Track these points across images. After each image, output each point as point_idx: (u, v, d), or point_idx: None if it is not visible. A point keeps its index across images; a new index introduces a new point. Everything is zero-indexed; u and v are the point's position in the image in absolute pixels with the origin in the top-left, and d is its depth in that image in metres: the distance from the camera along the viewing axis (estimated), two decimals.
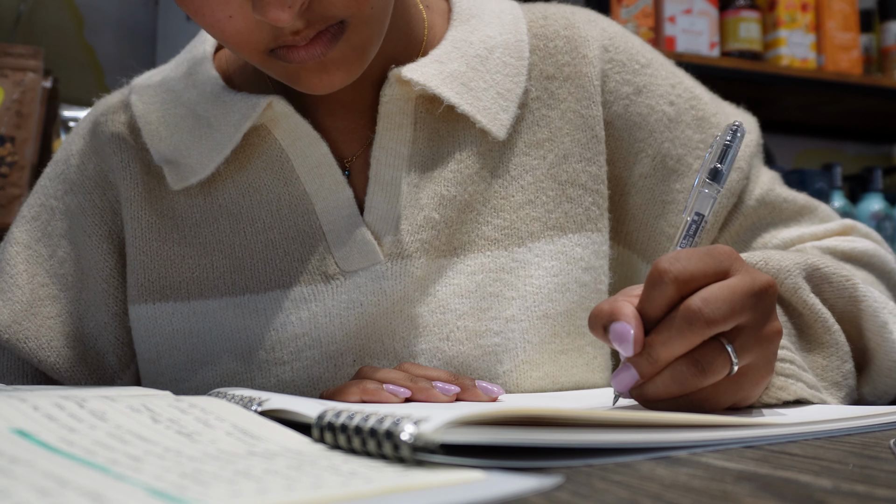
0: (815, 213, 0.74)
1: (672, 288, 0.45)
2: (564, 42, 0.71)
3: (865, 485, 0.31)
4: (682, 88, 0.73)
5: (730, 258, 0.47)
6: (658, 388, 0.45)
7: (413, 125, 0.66)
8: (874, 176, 2.05)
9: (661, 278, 0.45)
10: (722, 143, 0.52)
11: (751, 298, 0.45)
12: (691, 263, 0.45)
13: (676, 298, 0.45)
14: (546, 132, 0.69)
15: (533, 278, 0.65)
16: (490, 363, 0.64)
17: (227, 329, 0.65)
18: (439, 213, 0.64)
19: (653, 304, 0.46)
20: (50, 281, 0.71)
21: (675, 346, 0.44)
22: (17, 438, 0.32)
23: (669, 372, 0.45)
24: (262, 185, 0.67)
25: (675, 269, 0.45)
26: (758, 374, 0.47)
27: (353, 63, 0.58)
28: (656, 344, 0.45)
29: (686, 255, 0.46)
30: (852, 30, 1.98)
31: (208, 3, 0.54)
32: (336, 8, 0.54)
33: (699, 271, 0.45)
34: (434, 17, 0.71)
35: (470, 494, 0.27)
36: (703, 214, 0.51)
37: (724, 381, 0.46)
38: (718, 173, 0.51)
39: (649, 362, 0.45)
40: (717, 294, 0.44)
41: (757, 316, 0.46)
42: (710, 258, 0.46)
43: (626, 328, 0.45)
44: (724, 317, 0.44)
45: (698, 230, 0.52)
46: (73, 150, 0.73)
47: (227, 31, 0.55)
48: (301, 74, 0.58)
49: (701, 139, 0.72)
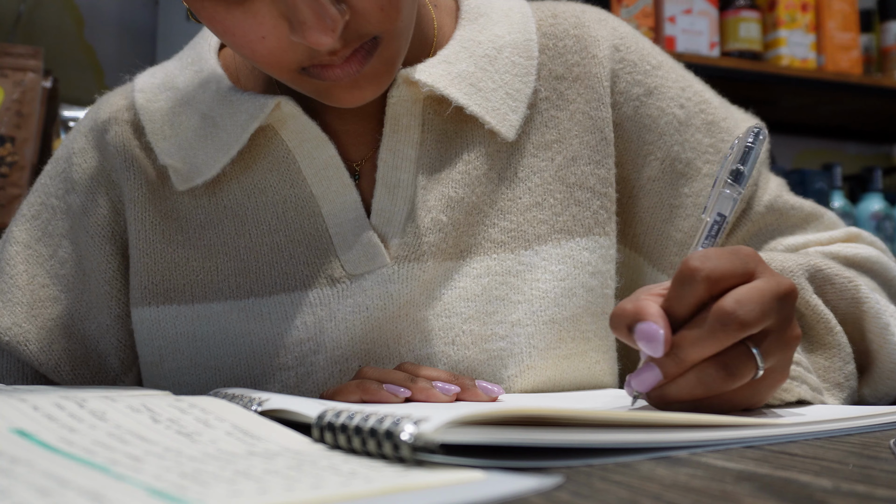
0: (821, 221, 0.74)
1: (703, 287, 0.44)
2: (574, 41, 0.70)
3: (865, 485, 0.31)
4: (691, 92, 0.73)
5: (754, 260, 0.46)
6: (682, 389, 0.45)
7: (421, 127, 0.65)
8: (874, 176, 2.05)
9: (693, 276, 0.44)
10: (744, 145, 0.52)
11: (777, 302, 0.44)
12: (721, 262, 0.45)
13: (706, 298, 0.44)
14: (555, 133, 0.68)
15: (539, 282, 0.65)
16: (495, 367, 0.64)
17: (230, 333, 0.64)
18: (447, 216, 0.64)
19: (682, 302, 0.45)
20: (50, 282, 0.70)
21: (706, 348, 0.44)
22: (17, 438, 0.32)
23: (695, 374, 0.44)
24: (268, 186, 0.66)
25: (707, 268, 0.44)
26: (775, 379, 0.47)
27: (383, 76, 0.57)
28: (685, 344, 0.44)
29: (715, 254, 0.45)
30: (852, 30, 1.98)
31: (239, 24, 0.53)
32: (371, 25, 0.53)
33: (729, 271, 0.44)
34: (442, 16, 0.70)
35: (470, 494, 0.27)
36: (725, 215, 0.51)
37: (746, 385, 0.45)
38: (740, 175, 0.51)
39: (676, 363, 0.44)
40: (750, 296, 0.44)
41: (781, 320, 0.45)
42: (738, 259, 0.45)
43: (655, 328, 0.44)
44: (757, 320, 0.43)
45: (720, 231, 0.51)
46: (74, 148, 0.72)
47: (259, 52, 0.54)
48: (332, 91, 0.57)
49: (710, 143, 0.71)
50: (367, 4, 0.52)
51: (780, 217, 0.73)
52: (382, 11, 0.53)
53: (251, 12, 0.52)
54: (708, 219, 0.51)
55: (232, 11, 0.52)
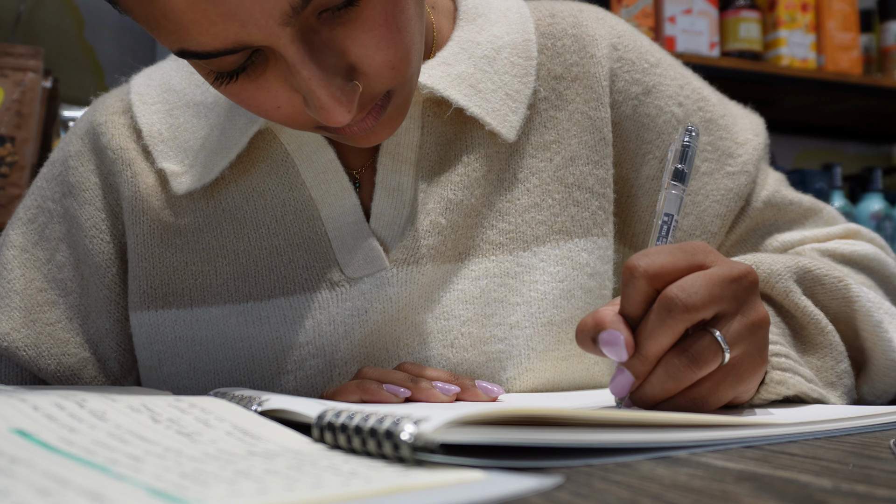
0: (819, 216, 0.74)
1: (644, 282, 0.45)
2: (572, 41, 0.70)
3: (865, 485, 0.31)
4: (690, 89, 0.73)
5: (703, 251, 0.47)
6: (655, 386, 0.46)
7: (420, 129, 0.65)
8: (874, 176, 2.05)
9: (632, 274, 0.46)
10: (681, 145, 0.54)
11: (729, 284, 0.45)
12: (660, 258, 0.46)
13: (652, 294, 0.46)
14: (553, 134, 0.68)
15: (538, 284, 0.65)
16: (494, 370, 0.63)
17: (229, 337, 0.64)
18: (446, 218, 0.63)
19: (630, 302, 0.46)
20: (48, 286, 0.70)
21: (661, 338, 0.45)
22: (17, 438, 0.32)
23: (662, 368, 0.45)
24: (266, 189, 0.66)
25: (643, 264, 0.46)
26: (753, 363, 0.47)
27: (397, 119, 0.57)
28: (642, 339, 0.45)
29: (655, 250, 0.47)
30: (852, 30, 1.98)
31: (254, 97, 0.52)
32: (384, 84, 0.52)
33: (669, 264, 0.46)
34: (440, 17, 0.70)
35: (470, 494, 0.27)
36: (673, 214, 0.53)
37: (721, 373, 0.46)
38: (682, 173, 0.53)
39: (640, 360, 0.45)
40: (693, 281, 0.45)
41: (739, 302, 0.46)
42: (682, 252, 0.47)
43: (614, 333, 0.45)
44: (703, 302, 0.44)
45: (670, 230, 0.53)
46: (70, 151, 0.71)
47: (275, 117, 0.53)
48: (349, 139, 0.57)
49: (708, 141, 0.71)
50: (379, 68, 0.51)
51: (779, 212, 0.73)
52: (394, 69, 0.52)
53: (265, 88, 0.51)
54: (658, 221, 0.53)
55: (245, 87, 0.51)
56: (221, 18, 0.45)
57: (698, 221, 0.70)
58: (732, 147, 0.72)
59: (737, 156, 0.72)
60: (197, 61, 0.50)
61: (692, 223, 0.70)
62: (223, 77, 0.51)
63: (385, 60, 0.51)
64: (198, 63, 0.51)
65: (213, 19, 0.45)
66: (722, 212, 0.70)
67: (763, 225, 0.72)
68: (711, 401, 0.46)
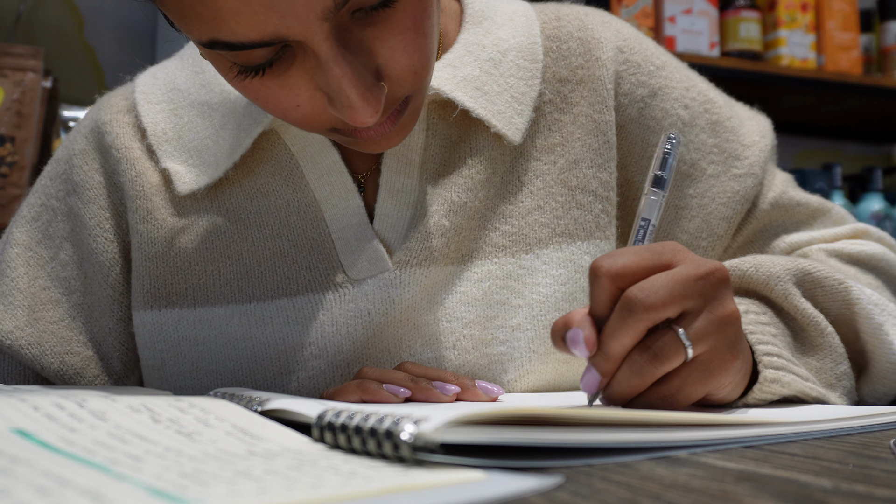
0: (828, 216, 0.74)
1: (607, 282, 0.46)
2: (578, 44, 0.70)
3: (865, 485, 0.31)
4: (696, 91, 0.72)
5: (672, 251, 0.48)
6: (621, 383, 0.46)
7: (425, 131, 0.65)
8: (874, 176, 2.05)
9: (596, 274, 0.46)
10: (661, 151, 0.55)
11: (694, 283, 0.46)
12: (624, 258, 0.47)
13: (616, 293, 0.46)
14: (558, 136, 0.68)
15: (540, 286, 0.65)
16: (495, 372, 0.63)
17: (232, 338, 0.64)
18: (449, 220, 0.63)
19: (596, 301, 0.47)
20: (51, 284, 0.70)
21: (622, 337, 0.45)
22: (17, 438, 0.32)
23: (627, 365, 0.46)
24: (270, 190, 0.66)
25: (606, 264, 0.46)
26: (722, 359, 0.47)
27: (409, 124, 0.57)
28: (605, 338, 0.46)
29: (620, 252, 0.47)
30: (852, 30, 1.98)
31: (274, 95, 0.52)
32: (405, 89, 0.53)
33: (633, 264, 0.46)
34: (446, 20, 0.70)
35: (470, 494, 0.27)
36: (650, 219, 0.54)
37: (688, 369, 0.46)
38: (661, 180, 0.54)
39: (603, 358, 0.46)
40: (655, 281, 0.45)
41: (706, 299, 0.46)
42: (648, 252, 0.47)
43: (577, 331, 0.46)
44: (663, 301, 0.45)
45: (646, 235, 0.54)
46: (75, 149, 0.71)
47: (292, 117, 0.53)
48: (360, 143, 0.57)
49: (715, 143, 0.71)
50: (403, 72, 0.51)
51: (786, 213, 0.72)
52: (416, 75, 0.52)
53: (287, 85, 0.51)
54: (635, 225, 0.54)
55: (267, 84, 0.51)
56: (263, 9, 0.45)
57: (704, 224, 0.70)
58: (739, 149, 0.72)
59: (743, 158, 0.71)
60: (222, 54, 0.50)
61: (698, 226, 0.70)
62: (247, 72, 0.51)
63: (409, 65, 0.51)
64: (221, 57, 0.51)
65: (255, 9, 0.45)
66: (728, 214, 0.70)
67: (770, 226, 0.72)
68: (681, 397, 0.47)
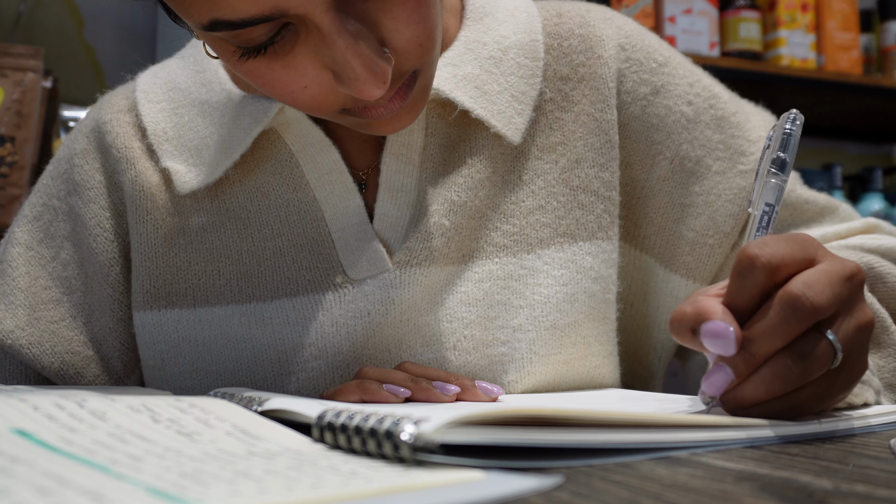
0: (836, 214, 0.73)
1: (763, 274, 0.42)
2: (579, 41, 0.69)
3: (865, 485, 0.31)
4: (700, 87, 0.72)
5: (813, 245, 0.44)
6: (758, 388, 0.42)
7: (424, 131, 0.65)
8: (874, 176, 2.05)
9: (752, 264, 0.42)
10: (781, 131, 0.50)
11: (846, 283, 0.42)
12: (780, 248, 0.42)
13: (769, 287, 0.42)
14: (559, 136, 0.67)
15: (542, 287, 0.64)
16: (496, 373, 0.63)
17: (232, 338, 0.64)
18: (449, 220, 0.63)
19: (744, 294, 0.42)
20: (52, 284, 0.70)
21: (777, 338, 0.41)
22: (17, 438, 0.32)
23: (769, 369, 0.41)
24: (270, 190, 0.66)
25: (766, 254, 0.42)
26: (856, 369, 0.44)
27: (419, 103, 0.57)
28: (755, 338, 0.41)
29: (773, 240, 0.43)
30: (852, 30, 1.98)
31: (280, 77, 0.51)
32: (411, 62, 0.53)
33: (789, 256, 0.42)
34: (447, 16, 0.69)
35: (470, 494, 0.27)
36: (773, 205, 0.49)
37: (827, 377, 0.43)
38: (783, 162, 0.49)
39: (746, 359, 0.41)
40: (817, 278, 0.41)
41: (851, 303, 0.43)
42: (797, 244, 0.43)
43: (723, 325, 0.41)
44: (828, 302, 0.41)
45: (771, 221, 0.49)
46: (76, 149, 0.71)
47: (300, 99, 0.53)
48: (372, 124, 0.56)
49: (720, 140, 0.71)
50: (408, 44, 0.51)
51: (794, 211, 0.72)
52: (421, 47, 0.52)
53: (292, 66, 0.51)
54: (755, 212, 0.49)
55: (272, 66, 0.51)
56: None
57: (711, 221, 0.70)
58: (745, 145, 0.71)
59: (749, 154, 0.71)
60: (224, 37, 0.50)
61: (704, 223, 0.70)
62: (250, 52, 0.50)
63: (413, 36, 0.51)
64: (223, 41, 0.50)
65: None
66: (735, 211, 0.69)
67: (779, 225, 0.72)
68: (812, 406, 0.43)
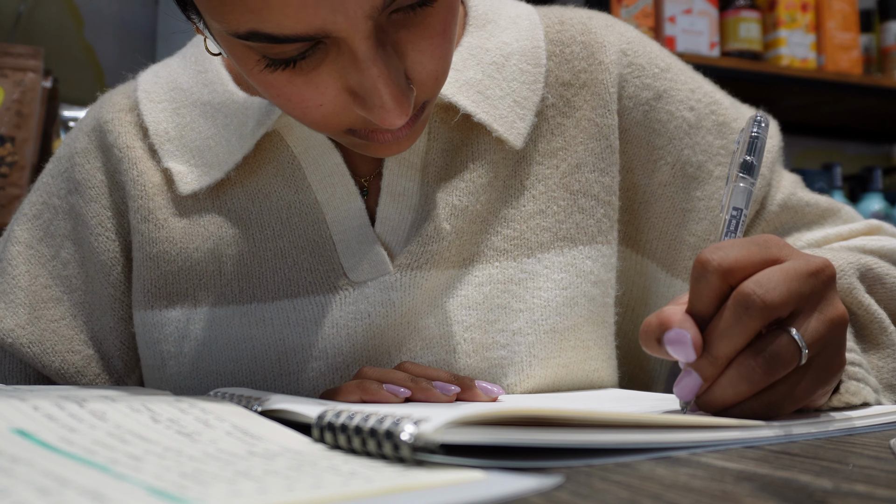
0: (838, 216, 0.73)
1: (716, 278, 0.43)
2: (581, 48, 0.69)
3: (865, 485, 0.31)
4: (701, 93, 0.72)
5: (777, 245, 0.44)
6: (726, 389, 0.42)
7: (427, 135, 0.65)
8: (874, 176, 2.05)
9: (704, 269, 0.43)
10: (748, 135, 0.51)
11: (808, 279, 0.43)
12: (734, 251, 0.43)
13: (725, 290, 0.43)
14: (560, 141, 0.68)
15: (541, 290, 0.64)
16: (495, 376, 0.63)
17: (232, 338, 0.64)
18: (451, 224, 0.63)
19: (701, 299, 0.43)
20: (53, 283, 0.70)
21: (735, 338, 0.42)
22: (17, 438, 0.32)
23: (735, 370, 0.42)
24: (272, 191, 0.66)
25: (716, 258, 0.43)
26: (831, 365, 0.44)
27: (419, 131, 0.57)
28: (713, 339, 0.42)
29: (728, 244, 0.44)
30: (852, 30, 1.98)
31: (298, 92, 0.51)
32: (426, 94, 0.53)
33: (744, 258, 0.43)
34: None
35: (470, 494, 0.27)
36: (742, 208, 0.50)
37: (796, 375, 0.43)
38: (750, 165, 0.50)
39: (710, 362, 0.42)
40: (770, 276, 0.42)
41: (817, 298, 0.43)
42: (755, 245, 0.44)
43: (681, 332, 0.42)
44: (782, 298, 0.41)
45: (739, 224, 0.49)
46: (76, 148, 0.71)
47: (311, 116, 0.52)
48: (371, 146, 0.56)
49: (721, 145, 0.71)
50: (427, 77, 0.52)
51: (796, 215, 0.72)
52: (437, 81, 0.52)
53: (314, 83, 0.51)
54: (725, 216, 0.50)
55: (293, 80, 0.51)
56: (315, 1, 0.45)
57: (712, 227, 0.70)
58: None
59: None
60: (253, 46, 0.49)
61: (706, 228, 0.70)
62: (276, 65, 0.50)
63: (433, 70, 0.51)
64: (249, 49, 0.50)
65: (306, 1, 0.45)
66: None
67: (780, 228, 0.72)
68: (787, 405, 0.43)
